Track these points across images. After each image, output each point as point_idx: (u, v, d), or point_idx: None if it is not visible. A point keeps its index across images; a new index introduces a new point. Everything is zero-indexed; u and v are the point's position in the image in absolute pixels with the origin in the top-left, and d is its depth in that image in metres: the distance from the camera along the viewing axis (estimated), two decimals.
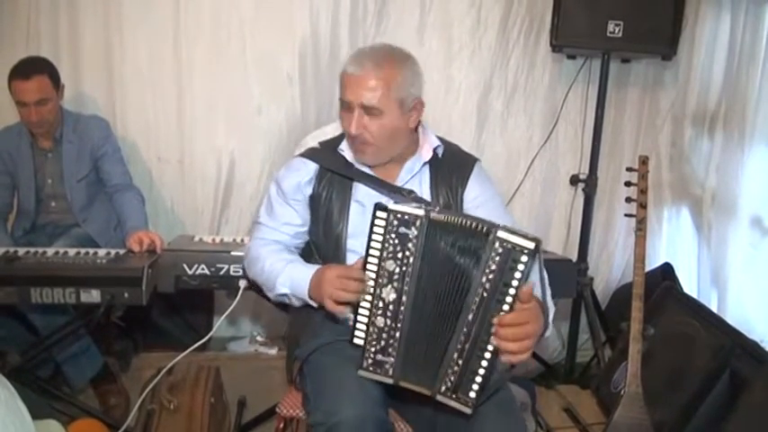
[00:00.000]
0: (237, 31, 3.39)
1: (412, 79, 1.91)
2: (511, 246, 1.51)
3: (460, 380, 1.58)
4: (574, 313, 3.56)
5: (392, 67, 1.87)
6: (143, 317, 3.42)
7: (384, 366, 1.67)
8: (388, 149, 1.96)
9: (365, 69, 1.86)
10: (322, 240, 2.02)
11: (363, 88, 1.86)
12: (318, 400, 1.73)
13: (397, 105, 1.88)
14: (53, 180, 3.05)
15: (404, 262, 1.63)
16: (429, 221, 1.62)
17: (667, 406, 2.59)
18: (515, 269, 1.51)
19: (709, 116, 3.53)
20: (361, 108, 1.87)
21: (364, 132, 1.90)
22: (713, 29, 3.48)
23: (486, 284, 1.54)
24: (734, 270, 3.32)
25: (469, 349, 1.56)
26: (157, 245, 2.69)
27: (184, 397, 2.50)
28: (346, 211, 1.98)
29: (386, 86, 1.85)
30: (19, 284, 2.38)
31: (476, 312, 1.55)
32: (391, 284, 1.65)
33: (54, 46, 3.31)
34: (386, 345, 1.66)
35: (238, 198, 3.56)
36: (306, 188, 2.03)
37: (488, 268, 1.53)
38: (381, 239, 1.64)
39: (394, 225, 1.63)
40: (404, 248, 1.63)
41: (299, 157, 2.07)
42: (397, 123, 1.91)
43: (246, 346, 3.65)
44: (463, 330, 1.57)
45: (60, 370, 2.90)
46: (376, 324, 1.67)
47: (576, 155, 3.67)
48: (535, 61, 3.60)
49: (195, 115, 3.46)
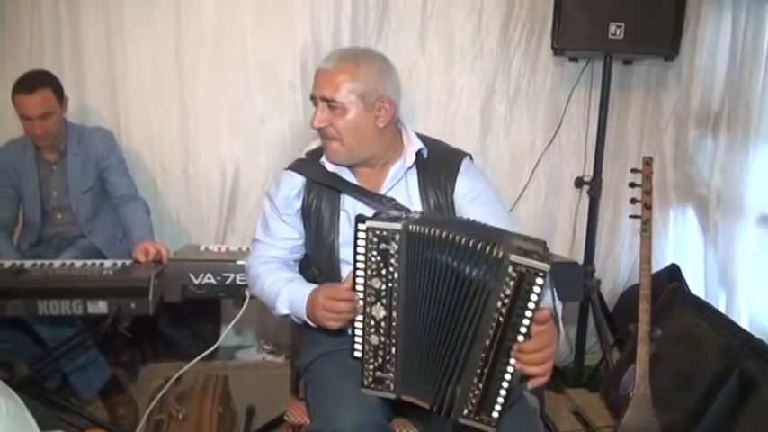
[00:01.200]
0: (239, 40, 3.40)
1: (377, 76, 1.90)
2: (525, 270, 1.45)
3: (483, 402, 1.55)
4: (581, 316, 3.56)
5: (355, 62, 1.89)
6: (150, 327, 3.43)
7: (384, 382, 1.66)
8: (357, 149, 1.93)
9: (331, 63, 1.89)
10: (315, 251, 2.02)
11: (326, 82, 1.87)
12: (318, 408, 1.74)
13: (358, 100, 1.88)
14: (58, 192, 3.06)
15: (389, 278, 1.60)
16: (408, 235, 1.58)
17: (676, 408, 2.59)
18: (531, 292, 1.45)
19: (712, 116, 3.52)
20: (323, 101, 1.88)
21: (328, 127, 1.90)
22: (715, 29, 3.48)
23: (503, 309, 1.49)
24: (742, 270, 3.30)
25: (489, 372, 1.53)
26: (163, 255, 2.69)
27: (193, 406, 2.50)
28: (336, 221, 1.98)
29: (347, 80, 1.86)
30: (26, 297, 2.39)
31: (493, 337, 1.51)
32: (379, 302, 1.62)
33: (57, 59, 3.32)
34: (383, 362, 1.65)
35: (243, 207, 3.56)
36: (295, 201, 2.02)
37: (503, 293, 1.47)
38: (364, 254, 1.61)
39: (374, 242, 1.59)
40: (387, 264, 1.60)
41: (286, 170, 2.07)
42: (361, 121, 1.89)
43: (254, 355, 3.66)
44: (481, 355, 1.53)
45: (68, 381, 2.90)
46: (371, 342, 1.65)
47: (580, 157, 3.66)
48: (537, 65, 3.60)
49: (199, 125, 3.47)
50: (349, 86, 1.86)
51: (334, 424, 1.62)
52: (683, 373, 2.70)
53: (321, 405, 1.74)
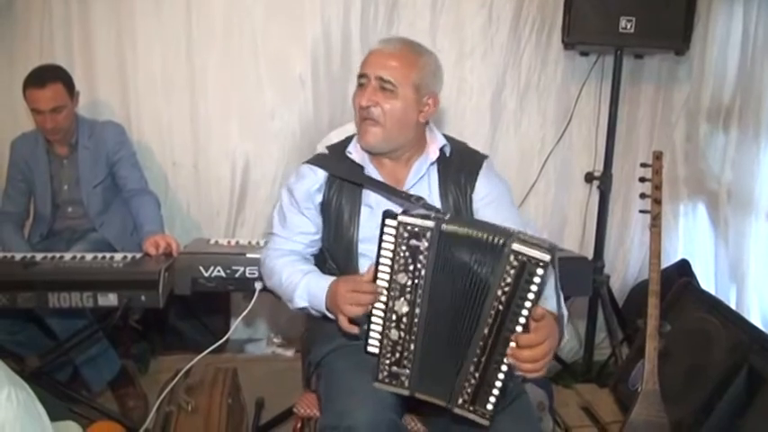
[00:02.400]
0: (249, 35, 3.41)
1: (433, 71, 1.93)
2: (526, 258, 1.48)
3: (477, 392, 1.57)
4: (590, 311, 3.55)
5: (417, 52, 1.90)
6: (160, 320, 3.46)
7: (399, 378, 1.66)
8: (394, 135, 1.94)
9: (392, 46, 1.89)
10: (334, 246, 2.01)
11: (384, 63, 1.87)
12: (331, 404, 1.73)
13: (412, 89, 1.89)
14: (69, 186, 3.07)
15: (415, 275, 1.61)
16: (440, 233, 1.58)
17: (685, 403, 2.58)
18: (531, 282, 1.48)
19: (723, 111, 3.50)
20: (377, 81, 1.88)
21: (375, 106, 1.89)
22: (726, 23, 3.46)
23: (502, 297, 1.51)
24: (752, 265, 3.29)
25: (485, 362, 1.55)
26: (173, 248, 2.71)
27: (202, 398, 2.51)
28: (357, 216, 1.98)
29: (407, 66, 1.87)
30: (37, 289, 2.40)
31: (491, 326, 1.53)
32: (404, 297, 1.62)
33: (68, 53, 3.34)
34: (400, 357, 1.65)
35: (253, 201, 3.58)
36: (316, 195, 2.02)
37: (503, 281, 1.50)
38: (392, 249, 1.61)
39: (404, 237, 1.59)
40: (415, 261, 1.60)
41: (307, 163, 2.07)
42: (409, 110, 1.91)
43: (264, 348, 3.67)
44: (479, 344, 1.55)
45: (78, 373, 2.92)
46: (390, 337, 1.65)
47: (590, 152, 3.65)
48: (547, 59, 3.59)
49: (209, 119, 3.48)
50: (408, 73, 1.87)
51: (348, 420, 1.61)
52: (692, 368, 2.69)
53: (334, 400, 1.73)
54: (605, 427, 2.88)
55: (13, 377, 1.45)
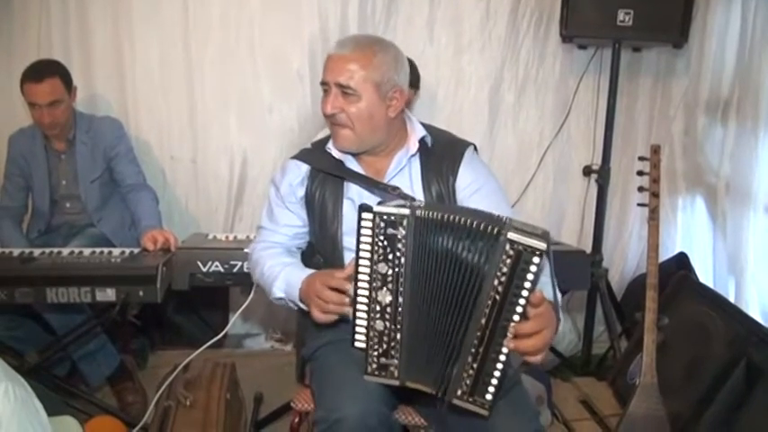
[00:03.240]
0: (247, 30, 3.40)
1: (392, 65, 1.90)
2: (522, 248, 1.46)
3: (476, 383, 1.56)
4: (589, 305, 3.55)
5: (372, 50, 1.87)
6: (158, 315, 3.46)
7: (389, 369, 1.65)
8: (366, 136, 1.93)
9: (345, 50, 1.87)
10: (320, 239, 2.02)
11: (341, 68, 1.86)
12: (321, 398, 1.75)
13: (373, 89, 1.87)
14: (67, 181, 3.07)
15: (395, 263, 1.60)
16: (416, 220, 1.58)
17: (683, 396, 2.59)
18: (528, 271, 1.46)
19: (722, 104, 3.50)
20: (337, 87, 1.87)
21: (340, 113, 1.88)
22: (724, 15, 3.45)
23: (499, 287, 1.49)
24: (751, 258, 3.29)
25: (483, 352, 1.54)
26: (171, 243, 2.70)
27: (200, 393, 2.52)
28: (339, 209, 1.98)
29: (363, 68, 1.85)
30: (35, 284, 2.40)
31: (489, 316, 1.52)
32: (386, 287, 1.61)
33: (65, 49, 3.33)
34: (388, 348, 1.64)
35: (251, 196, 3.57)
36: (298, 189, 2.03)
37: (500, 271, 1.48)
38: (370, 242, 1.60)
39: (381, 227, 1.58)
40: (393, 249, 1.59)
41: (292, 159, 2.08)
42: (375, 109, 1.89)
43: (262, 343, 3.67)
44: (476, 334, 1.54)
45: (77, 368, 2.93)
46: (375, 328, 1.64)
47: (588, 146, 3.65)
48: (545, 52, 3.59)
49: (207, 114, 3.48)
50: (365, 74, 1.85)
51: (338, 413, 1.62)
52: (690, 362, 2.69)
53: (325, 394, 1.74)
54: (604, 420, 2.89)
55: (11, 372, 1.45)
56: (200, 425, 2.35)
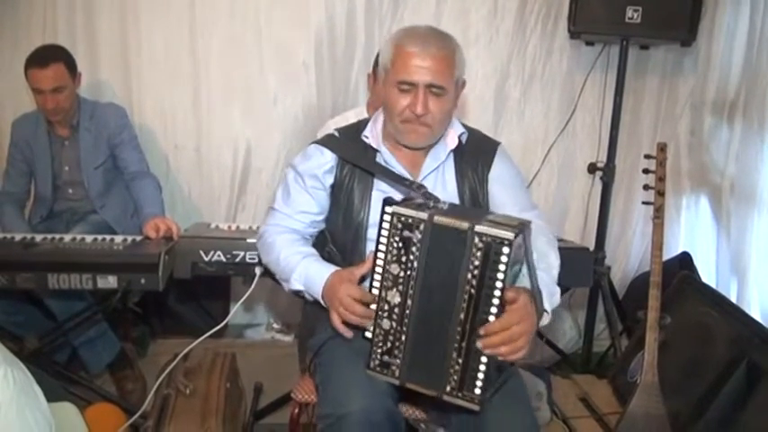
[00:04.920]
0: (253, 19, 3.40)
1: (463, 59, 1.90)
2: (490, 239, 1.49)
3: (463, 378, 1.57)
4: (591, 302, 3.55)
5: (452, 48, 1.86)
6: (160, 303, 3.47)
7: (390, 368, 1.65)
8: (439, 131, 1.93)
9: (430, 47, 1.82)
10: (341, 229, 1.99)
11: (432, 68, 1.81)
12: (327, 393, 1.74)
13: (454, 86, 1.87)
14: (70, 167, 3.07)
15: (408, 266, 1.60)
16: (432, 225, 1.57)
17: (684, 396, 2.58)
18: (498, 262, 1.49)
19: (728, 104, 3.48)
20: (426, 88, 1.83)
21: (428, 114, 1.85)
22: (733, 15, 3.43)
23: (473, 281, 1.52)
24: (754, 259, 3.28)
25: (466, 348, 1.55)
26: (174, 231, 2.69)
27: (200, 382, 2.52)
28: (368, 200, 1.95)
29: (450, 67, 1.83)
30: (36, 270, 2.39)
31: (467, 310, 1.54)
32: (396, 288, 1.62)
33: (70, 35, 3.33)
34: (392, 347, 1.64)
35: (255, 186, 3.57)
36: (327, 177, 1.99)
37: (472, 264, 1.52)
38: (386, 238, 1.61)
39: (398, 228, 1.59)
40: (408, 252, 1.59)
41: (316, 144, 2.04)
42: (452, 104, 1.90)
43: (263, 333, 3.68)
44: (458, 329, 1.55)
45: (77, 355, 2.93)
46: (382, 326, 1.64)
47: (593, 143, 3.64)
48: (553, 48, 3.58)
49: (211, 103, 3.47)
50: (452, 73, 1.84)
51: (343, 408, 1.62)
52: (691, 361, 2.69)
53: (330, 389, 1.74)
54: (603, 418, 2.88)
55: (11, 357, 1.45)
56: (199, 413, 2.35)
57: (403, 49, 1.84)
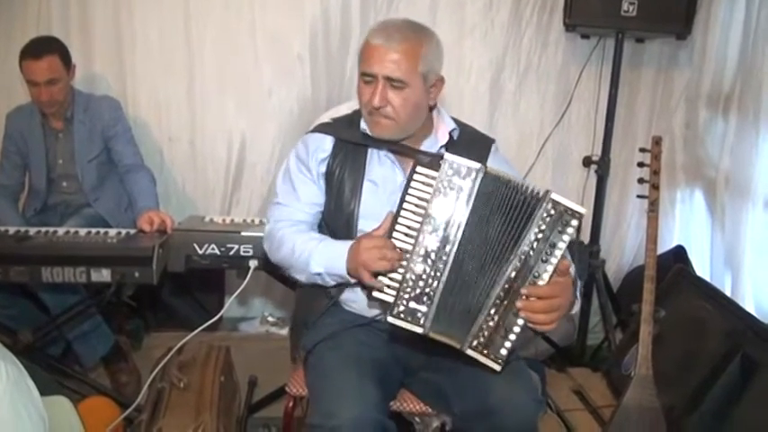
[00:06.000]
0: (248, 11, 3.38)
1: (435, 54, 1.88)
2: (563, 208, 1.56)
3: (494, 336, 1.59)
4: (585, 296, 3.54)
5: (418, 40, 1.84)
6: (154, 296, 3.46)
7: (416, 315, 1.63)
8: (407, 125, 1.90)
9: (392, 41, 1.81)
10: (332, 218, 1.99)
11: (389, 60, 1.81)
12: (318, 403, 1.74)
13: (420, 79, 1.85)
14: (64, 160, 3.06)
15: (453, 213, 1.62)
16: (485, 175, 1.62)
17: (678, 389, 2.58)
18: (564, 232, 1.56)
19: (723, 97, 3.48)
20: (385, 80, 1.82)
21: (387, 106, 1.85)
22: (728, 8, 3.42)
23: (534, 243, 1.57)
24: (748, 253, 3.28)
25: (508, 305, 1.58)
26: (168, 225, 2.69)
27: (194, 375, 2.52)
28: (359, 190, 1.95)
29: (412, 59, 1.82)
30: (30, 263, 2.39)
31: (519, 270, 1.58)
32: (436, 233, 1.62)
33: (64, 26, 3.30)
34: (421, 293, 1.63)
35: (249, 179, 3.56)
36: (321, 165, 1.99)
37: (539, 227, 1.57)
38: (431, 189, 1.62)
39: (449, 174, 1.62)
40: (456, 199, 1.62)
41: (314, 132, 2.04)
42: (419, 98, 1.87)
43: (257, 327, 3.67)
44: (504, 286, 1.59)
45: (71, 348, 2.93)
46: (414, 270, 1.63)
47: (588, 136, 3.63)
48: (548, 41, 3.57)
49: (206, 96, 3.46)
50: (415, 65, 1.82)
51: (333, 420, 1.63)
52: (685, 354, 2.69)
53: (320, 399, 1.74)
54: (597, 410, 2.88)
55: (4, 351, 1.45)
56: (193, 407, 2.35)
57: (367, 42, 1.86)
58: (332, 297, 1.96)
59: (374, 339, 1.91)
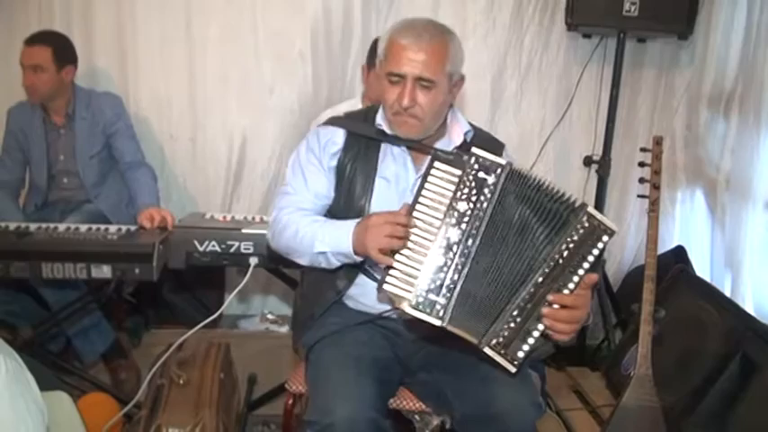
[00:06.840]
0: (249, 9, 3.39)
1: (460, 54, 1.88)
2: (597, 223, 1.59)
3: (514, 337, 1.60)
4: None
5: (446, 41, 1.84)
6: (154, 293, 3.46)
7: (435, 307, 1.62)
8: (431, 125, 1.90)
9: (422, 40, 1.80)
10: (342, 214, 1.94)
11: (421, 60, 1.80)
12: (314, 399, 1.75)
13: (446, 79, 1.85)
14: (65, 156, 3.06)
15: (477, 206, 1.62)
16: (511, 171, 1.63)
17: (677, 389, 2.59)
18: (595, 246, 1.58)
19: (724, 98, 3.47)
20: (414, 80, 1.81)
21: (415, 106, 1.84)
22: (730, 8, 3.42)
23: (564, 252, 1.59)
24: (748, 253, 3.28)
25: (531, 310, 1.60)
26: (168, 221, 2.68)
27: (194, 372, 2.50)
28: (370, 187, 1.93)
29: (441, 59, 1.81)
30: (30, 259, 2.38)
31: (546, 276, 1.59)
32: (459, 225, 1.62)
33: (67, 24, 3.32)
34: (440, 285, 1.62)
35: (250, 176, 3.57)
36: (332, 159, 1.97)
37: (570, 237, 1.59)
38: (457, 182, 1.63)
39: (474, 168, 1.63)
40: (480, 193, 1.63)
41: (326, 124, 2.02)
42: (444, 98, 1.87)
43: (257, 324, 3.67)
44: (530, 290, 1.60)
45: (71, 344, 2.93)
46: (435, 262, 1.63)
47: (589, 136, 3.64)
48: (550, 40, 3.57)
49: (207, 93, 3.47)
50: (443, 65, 1.82)
51: (329, 417, 1.63)
52: (685, 354, 2.69)
53: (317, 396, 1.74)
54: (596, 410, 2.89)
55: (4, 346, 1.44)
56: (193, 404, 2.34)
57: (395, 41, 1.83)
58: (339, 291, 1.94)
59: (375, 338, 1.91)
